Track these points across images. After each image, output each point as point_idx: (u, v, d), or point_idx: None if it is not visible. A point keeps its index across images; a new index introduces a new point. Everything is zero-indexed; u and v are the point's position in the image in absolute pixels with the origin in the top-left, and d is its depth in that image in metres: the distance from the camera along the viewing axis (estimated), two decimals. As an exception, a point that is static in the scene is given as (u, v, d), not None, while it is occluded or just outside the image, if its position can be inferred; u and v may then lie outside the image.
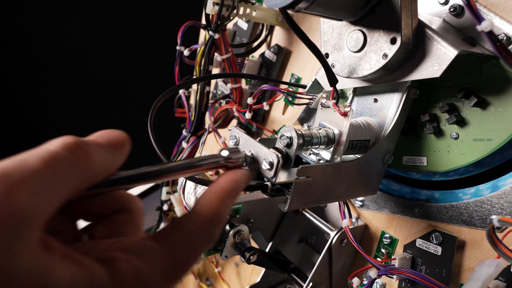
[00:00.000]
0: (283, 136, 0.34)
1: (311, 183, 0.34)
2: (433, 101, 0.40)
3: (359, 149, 0.39)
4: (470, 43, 0.36)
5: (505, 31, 0.36)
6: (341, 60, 0.39)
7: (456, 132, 0.39)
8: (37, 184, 0.17)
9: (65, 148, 0.19)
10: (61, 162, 0.18)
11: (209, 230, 0.23)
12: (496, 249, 0.31)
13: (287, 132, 0.34)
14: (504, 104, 0.36)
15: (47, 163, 0.17)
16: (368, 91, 0.41)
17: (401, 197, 0.46)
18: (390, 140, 0.40)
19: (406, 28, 0.34)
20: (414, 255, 0.43)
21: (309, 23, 0.58)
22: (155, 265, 0.20)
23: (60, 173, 0.18)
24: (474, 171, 0.41)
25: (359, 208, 0.50)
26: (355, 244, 0.43)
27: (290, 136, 0.34)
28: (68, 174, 0.18)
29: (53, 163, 0.18)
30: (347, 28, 0.38)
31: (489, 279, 0.33)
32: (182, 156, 0.63)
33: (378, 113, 0.40)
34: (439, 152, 0.41)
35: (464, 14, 0.38)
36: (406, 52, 0.35)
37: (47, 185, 0.17)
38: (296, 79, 0.60)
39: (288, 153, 0.34)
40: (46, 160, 0.17)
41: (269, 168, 0.30)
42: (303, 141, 0.34)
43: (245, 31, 0.68)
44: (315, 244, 0.55)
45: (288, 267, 0.53)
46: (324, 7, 0.33)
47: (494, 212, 0.38)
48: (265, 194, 0.34)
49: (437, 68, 0.34)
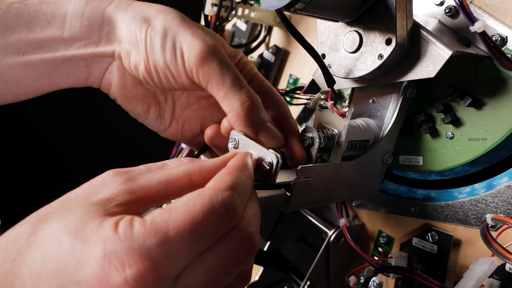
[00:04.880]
0: (305, 136, 0.35)
1: (311, 183, 0.34)
2: (428, 101, 0.41)
3: (358, 149, 0.39)
4: (464, 44, 0.37)
5: (499, 32, 0.36)
6: (337, 61, 0.39)
7: (452, 131, 0.39)
8: None
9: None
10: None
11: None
12: (490, 247, 0.31)
13: (308, 133, 0.35)
14: (499, 104, 0.36)
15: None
16: (366, 92, 0.42)
17: (398, 196, 0.47)
18: (389, 140, 0.40)
19: (401, 29, 0.34)
20: (410, 253, 0.44)
21: (307, 24, 0.58)
22: None
23: None
24: (469, 171, 0.42)
25: (356, 208, 0.51)
26: (352, 243, 0.44)
27: (311, 137, 0.35)
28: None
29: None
30: (343, 29, 0.38)
31: (483, 277, 0.33)
32: (181, 156, 0.64)
33: (376, 113, 0.41)
34: (435, 152, 0.41)
35: (459, 15, 0.38)
36: (401, 52, 0.35)
37: None
38: (294, 79, 0.61)
39: (310, 153, 0.35)
40: None
41: (268, 169, 0.31)
42: (322, 141, 0.35)
43: (243, 32, 0.68)
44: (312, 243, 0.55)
45: (286, 266, 0.54)
46: (320, 9, 0.33)
47: (489, 210, 0.38)
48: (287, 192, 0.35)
49: (431, 68, 0.34)
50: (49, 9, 0.35)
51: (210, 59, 0.33)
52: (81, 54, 0.36)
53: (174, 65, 0.34)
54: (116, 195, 0.24)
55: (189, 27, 0.34)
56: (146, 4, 0.36)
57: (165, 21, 0.34)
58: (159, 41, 0.34)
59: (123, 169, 0.26)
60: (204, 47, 0.33)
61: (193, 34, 0.34)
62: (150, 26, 0.34)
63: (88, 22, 0.35)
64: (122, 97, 0.40)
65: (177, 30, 0.34)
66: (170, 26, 0.34)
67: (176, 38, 0.34)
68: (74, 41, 0.36)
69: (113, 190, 0.24)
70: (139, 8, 0.35)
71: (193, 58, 0.33)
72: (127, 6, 0.36)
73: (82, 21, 0.35)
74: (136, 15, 0.35)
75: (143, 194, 0.25)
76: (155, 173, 0.26)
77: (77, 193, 0.25)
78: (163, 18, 0.34)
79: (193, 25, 0.35)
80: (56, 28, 0.35)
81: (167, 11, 0.35)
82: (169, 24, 0.34)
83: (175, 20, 0.34)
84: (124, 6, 0.36)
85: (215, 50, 0.34)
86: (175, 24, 0.34)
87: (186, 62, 0.34)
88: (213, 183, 0.25)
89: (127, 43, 0.36)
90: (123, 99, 0.40)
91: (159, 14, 0.35)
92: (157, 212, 0.23)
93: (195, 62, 0.33)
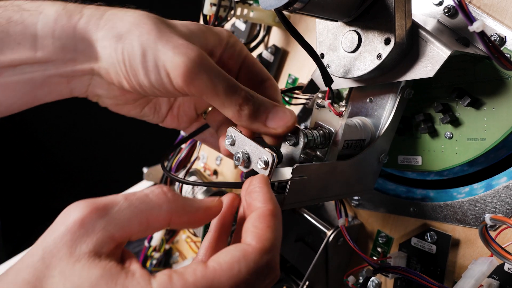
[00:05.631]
0: (288, 135, 0.35)
1: (306, 182, 0.35)
2: (427, 101, 0.41)
3: (354, 148, 0.39)
4: (463, 44, 0.37)
5: (498, 31, 0.36)
6: (336, 61, 0.39)
7: (450, 131, 0.39)
8: None
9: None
10: None
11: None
12: (489, 247, 0.31)
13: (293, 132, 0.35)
14: (497, 104, 0.36)
15: None
16: (364, 91, 0.42)
17: (397, 196, 0.47)
18: (385, 139, 0.40)
19: (400, 28, 0.34)
20: (409, 253, 0.44)
21: (306, 24, 0.58)
22: None
23: None
24: (468, 170, 0.42)
25: (355, 207, 0.51)
26: (351, 243, 0.44)
27: (296, 136, 0.34)
28: None
29: None
30: (342, 29, 0.38)
31: (482, 277, 0.33)
32: (180, 156, 0.64)
33: (373, 113, 0.41)
34: (433, 152, 0.41)
35: (458, 15, 0.38)
36: (400, 52, 0.35)
37: None
38: (293, 79, 0.61)
39: (294, 152, 0.34)
40: None
41: (264, 167, 0.31)
42: (307, 140, 0.35)
43: (242, 31, 0.68)
44: (311, 243, 0.55)
45: (285, 266, 0.54)
46: (319, 8, 0.33)
47: (487, 210, 0.38)
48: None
49: (430, 68, 0.34)
50: (17, 29, 0.32)
51: (198, 73, 0.31)
52: (60, 73, 0.34)
53: (161, 84, 0.32)
54: (101, 246, 0.23)
55: (168, 39, 0.32)
56: (118, 15, 0.33)
57: (141, 38, 0.31)
58: (140, 63, 0.32)
59: (101, 204, 0.24)
60: (189, 63, 0.31)
61: (174, 49, 0.31)
62: (125, 45, 0.32)
63: (60, 42, 0.33)
64: (112, 105, 0.39)
65: (156, 47, 0.31)
66: (147, 43, 0.31)
67: (157, 57, 0.31)
68: (50, 61, 0.34)
69: (96, 241, 0.23)
70: (111, 23, 0.32)
71: (179, 77, 0.31)
72: (98, 20, 0.33)
73: (53, 41, 0.33)
74: (108, 32, 0.32)
75: (124, 238, 0.24)
76: (136, 211, 0.25)
77: (55, 244, 0.23)
78: (139, 34, 0.31)
79: (172, 34, 0.32)
80: (28, 49, 0.33)
81: (141, 23, 0.32)
82: (146, 40, 0.31)
83: (152, 34, 0.31)
84: (95, 21, 0.33)
85: (200, 62, 0.31)
86: (152, 40, 0.31)
87: (173, 80, 0.32)
88: (257, 243, 0.25)
89: (105, 63, 0.33)
90: (114, 106, 0.39)
91: (134, 29, 0.32)
92: (199, 272, 0.23)
93: (183, 80, 0.31)
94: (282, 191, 0.35)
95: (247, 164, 0.32)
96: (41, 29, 0.32)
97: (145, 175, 0.86)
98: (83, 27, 0.33)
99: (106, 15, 0.33)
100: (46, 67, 0.34)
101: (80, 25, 0.33)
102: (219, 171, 0.78)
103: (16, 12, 0.32)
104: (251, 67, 0.38)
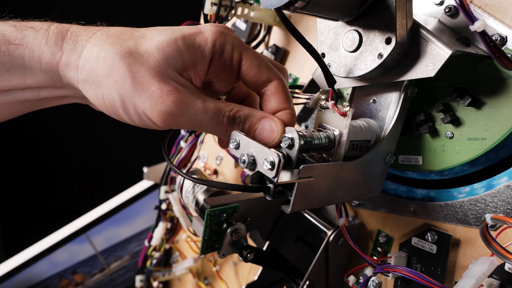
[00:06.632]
0: (284, 137, 0.33)
1: (313, 183, 0.34)
2: (428, 100, 0.41)
3: (360, 149, 0.38)
4: (464, 43, 0.37)
5: (499, 31, 0.36)
6: (337, 60, 0.39)
7: (451, 131, 0.39)
8: None
9: None
10: None
11: None
12: (489, 247, 0.31)
13: (288, 133, 0.33)
14: (498, 104, 0.36)
15: None
16: (366, 92, 0.42)
17: (397, 196, 0.47)
18: (390, 139, 0.40)
19: (401, 28, 0.34)
20: (409, 253, 0.44)
21: (306, 23, 0.58)
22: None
23: None
24: (468, 170, 0.42)
25: (356, 207, 0.51)
26: (351, 242, 0.44)
27: (291, 137, 0.33)
28: None
29: None
30: (343, 28, 0.38)
31: (483, 277, 0.33)
32: (180, 155, 0.64)
33: (377, 113, 0.40)
34: (434, 151, 0.41)
35: (459, 14, 0.38)
36: (401, 52, 0.35)
37: None
38: (294, 79, 0.61)
39: (290, 155, 0.33)
40: None
41: (270, 168, 0.30)
42: (304, 142, 0.34)
43: (243, 31, 0.68)
44: (312, 242, 0.55)
45: (285, 265, 0.54)
46: (320, 7, 0.33)
47: (488, 210, 0.38)
48: (268, 196, 0.34)
49: (431, 67, 0.34)
50: (5, 60, 0.33)
51: (180, 116, 0.32)
52: (52, 96, 0.36)
53: (145, 124, 0.34)
54: None
55: (143, 87, 0.32)
56: (93, 54, 0.33)
57: (117, 88, 0.32)
58: (121, 109, 0.33)
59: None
60: (167, 110, 0.32)
61: (150, 98, 0.32)
62: (104, 91, 0.33)
63: (47, 75, 0.34)
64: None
65: (133, 96, 0.32)
66: (124, 93, 0.32)
67: (136, 105, 0.32)
68: (41, 87, 0.35)
69: None
70: (88, 65, 0.33)
71: (161, 122, 0.32)
72: (78, 58, 0.33)
73: (41, 73, 0.34)
74: (87, 77, 0.33)
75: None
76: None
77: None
78: (113, 83, 0.32)
79: (147, 77, 0.32)
80: (18, 77, 0.34)
81: (115, 71, 0.32)
82: (122, 90, 0.32)
83: (127, 83, 0.32)
84: (73, 64, 0.33)
85: (177, 108, 0.32)
86: (127, 89, 0.32)
87: (156, 123, 0.33)
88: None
89: (90, 99, 0.34)
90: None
91: (109, 75, 0.32)
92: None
93: (165, 123, 0.33)
94: (279, 196, 0.34)
95: (253, 166, 0.32)
96: (28, 62, 0.33)
97: (145, 174, 0.87)
98: (63, 69, 0.34)
99: (84, 53, 0.33)
100: (38, 91, 0.36)
101: (61, 66, 0.33)
102: (219, 170, 0.78)
103: (2, 44, 0.33)
104: (248, 71, 0.36)
